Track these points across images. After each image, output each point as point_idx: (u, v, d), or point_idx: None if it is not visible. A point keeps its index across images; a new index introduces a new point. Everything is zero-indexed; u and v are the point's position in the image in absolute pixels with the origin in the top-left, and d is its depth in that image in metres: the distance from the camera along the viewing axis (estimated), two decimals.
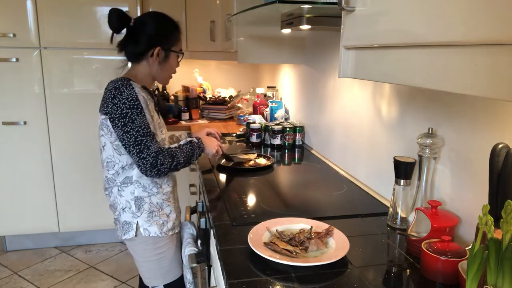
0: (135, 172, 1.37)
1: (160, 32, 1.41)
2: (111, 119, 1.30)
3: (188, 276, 1.46)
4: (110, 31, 1.44)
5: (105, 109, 1.31)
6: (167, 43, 1.42)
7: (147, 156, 1.29)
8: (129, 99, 1.29)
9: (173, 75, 1.53)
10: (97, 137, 2.59)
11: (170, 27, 1.44)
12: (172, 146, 1.39)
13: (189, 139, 1.47)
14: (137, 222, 1.39)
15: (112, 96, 1.29)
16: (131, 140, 1.28)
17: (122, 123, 1.28)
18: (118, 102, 1.28)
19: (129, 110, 1.28)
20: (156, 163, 1.30)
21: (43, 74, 2.55)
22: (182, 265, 1.53)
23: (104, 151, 1.37)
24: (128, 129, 1.28)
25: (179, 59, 1.50)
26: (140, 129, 1.29)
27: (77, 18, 2.52)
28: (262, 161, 1.83)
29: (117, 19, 1.37)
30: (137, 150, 1.29)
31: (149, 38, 1.40)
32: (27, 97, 2.55)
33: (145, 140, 1.29)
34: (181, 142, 1.44)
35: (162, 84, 1.55)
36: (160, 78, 1.48)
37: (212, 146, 1.55)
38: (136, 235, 1.39)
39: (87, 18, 2.54)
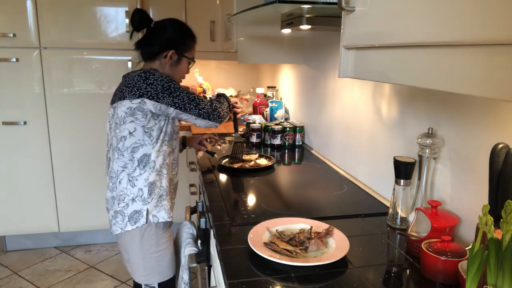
0: (153, 152, 1.42)
1: (177, 37, 1.51)
2: (151, 97, 1.36)
3: (184, 277, 1.46)
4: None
5: (138, 92, 1.36)
6: (181, 48, 1.51)
7: (205, 106, 1.47)
8: (163, 76, 1.39)
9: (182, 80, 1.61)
10: (97, 136, 2.63)
11: (187, 35, 1.54)
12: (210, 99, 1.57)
13: (210, 98, 1.63)
14: (147, 209, 1.42)
15: (144, 78, 1.37)
16: (184, 100, 1.42)
17: (168, 93, 1.38)
18: (154, 81, 1.37)
19: (170, 83, 1.39)
20: (215, 107, 1.50)
21: (43, 74, 2.55)
22: (175, 266, 1.53)
23: (132, 136, 1.40)
24: (178, 94, 1.40)
25: (190, 66, 1.58)
26: (187, 91, 1.44)
27: (77, 18, 2.53)
28: (263, 162, 1.83)
29: (139, 18, 1.46)
30: (195, 104, 1.44)
31: (165, 40, 1.48)
32: (27, 97, 2.55)
33: (196, 96, 1.46)
34: (214, 97, 1.64)
35: None
36: None
37: (233, 98, 1.76)
38: (146, 222, 1.41)
39: (87, 18, 2.54)
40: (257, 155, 1.90)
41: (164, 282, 1.51)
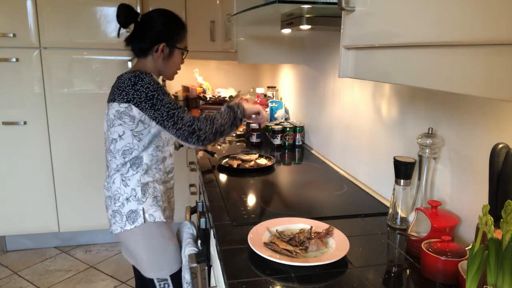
0: (145, 155, 1.41)
1: (166, 29, 1.45)
2: (137, 104, 1.33)
3: (186, 277, 1.46)
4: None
5: (126, 97, 1.33)
6: (172, 40, 1.46)
7: (183, 126, 1.35)
8: (151, 83, 1.34)
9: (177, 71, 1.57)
10: (97, 136, 2.64)
11: (176, 25, 1.48)
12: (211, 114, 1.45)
13: (226, 105, 1.52)
14: (143, 208, 1.40)
15: (133, 83, 1.33)
16: (163, 115, 1.34)
17: (150, 104, 1.33)
18: (141, 88, 1.33)
19: (155, 92, 1.34)
20: (194, 130, 1.36)
21: (43, 74, 2.55)
22: (181, 258, 1.52)
23: (121, 139, 1.38)
24: (158, 107, 1.33)
25: (183, 56, 1.53)
26: (169, 104, 1.35)
27: (77, 18, 2.53)
28: (263, 162, 1.82)
29: (125, 14, 1.41)
30: (172, 123, 1.35)
31: (155, 34, 1.44)
32: (27, 97, 2.55)
33: (177, 112, 1.35)
34: (221, 109, 1.49)
35: (167, 79, 1.58)
36: (165, 74, 1.52)
37: (253, 106, 1.59)
38: (144, 222, 1.40)
39: (87, 18, 2.54)
40: (257, 155, 1.90)
41: (175, 273, 1.50)
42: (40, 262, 2.72)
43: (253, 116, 1.64)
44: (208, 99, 3.05)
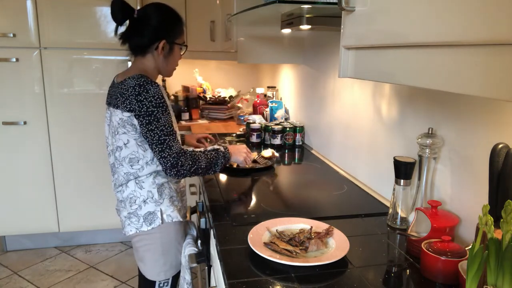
0: (152, 162, 1.39)
1: (165, 24, 1.41)
2: (136, 116, 1.30)
3: (186, 277, 1.45)
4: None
5: (129, 106, 1.30)
6: (171, 36, 1.42)
7: (168, 156, 1.31)
8: (155, 97, 1.29)
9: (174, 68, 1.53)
10: (97, 137, 2.64)
11: (174, 19, 1.44)
12: (197, 150, 1.40)
13: (216, 146, 1.47)
14: (161, 209, 1.39)
15: (136, 93, 1.29)
16: (154, 139, 1.30)
17: (147, 121, 1.29)
18: (144, 100, 1.28)
19: (155, 109, 1.29)
20: (177, 164, 1.31)
21: (43, 74, 2.55)
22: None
23: (127, 148, 1.36)
24: (153, 128, 1.29)
25: (182, 52, 1.50)
26: (164, 128, 1.30)
27: (77, 18, 2.53)
28: (267, 154, 1.83)
29: (120, 10, 1.36)
30: (159, 149, 1.31)
31: (153, 30, 1.39)
32: (27, 97, 2.55)
33: (167, 140, 1.31)
34: (208, 148, 1.45)
35: (166, 77, 1.55)
36: (164, 71, 1.49)
37: (239, 154, 1.54)
38: (162, 223, 1.39)
39: (87, 18, 2.54)
40: (256, 153, 1.90)
41: (176, 274, 1.50)
42: (40, 262, 2.72)
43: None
44: (208, 99, 3.05)
